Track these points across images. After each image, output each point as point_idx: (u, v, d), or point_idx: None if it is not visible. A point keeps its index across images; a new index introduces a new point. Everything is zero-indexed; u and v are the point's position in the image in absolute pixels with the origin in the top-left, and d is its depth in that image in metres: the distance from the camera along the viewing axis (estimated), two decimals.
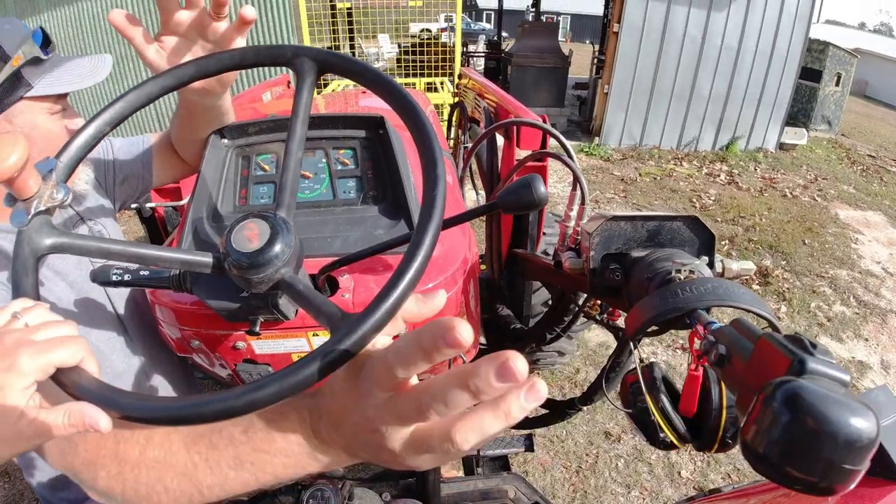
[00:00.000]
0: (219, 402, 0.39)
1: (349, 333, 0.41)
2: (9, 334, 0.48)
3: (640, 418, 0.75)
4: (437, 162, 0.51)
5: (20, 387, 0.45)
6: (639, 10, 5.98)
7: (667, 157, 6.38)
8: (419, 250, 0.45)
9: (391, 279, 0.44)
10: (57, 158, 0.59)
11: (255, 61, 0.68)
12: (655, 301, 0.62)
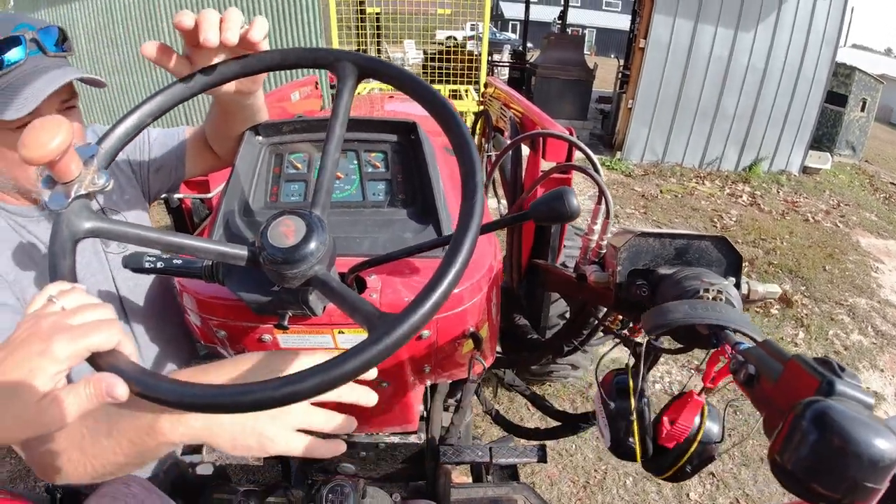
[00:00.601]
0: (259, 392, 0.40)
1: (388, 332, 0.42)
2: (44, 318, 0.49)
3: (614, 417, 0.75)
4: (476, 171, 0.52)
5: (52, 372, 0.45)
6: (666, 28, 5.96)
7: (689, 175, 6.32)
8: (458, 255, 0.46)
9: (431, 282, 0.45)
10: (98, 145, 0.61)
11: (297, 62, 0.69)
12: (685, 307, 0.62)
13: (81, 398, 0.46)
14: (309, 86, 2.52)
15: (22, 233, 0.96)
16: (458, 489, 1.15)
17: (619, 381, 0.77)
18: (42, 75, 0.84)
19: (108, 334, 0.48)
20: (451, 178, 0.90)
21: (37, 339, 0.46)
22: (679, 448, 0.69)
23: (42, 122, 0.51)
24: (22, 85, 0.82)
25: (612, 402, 0.75)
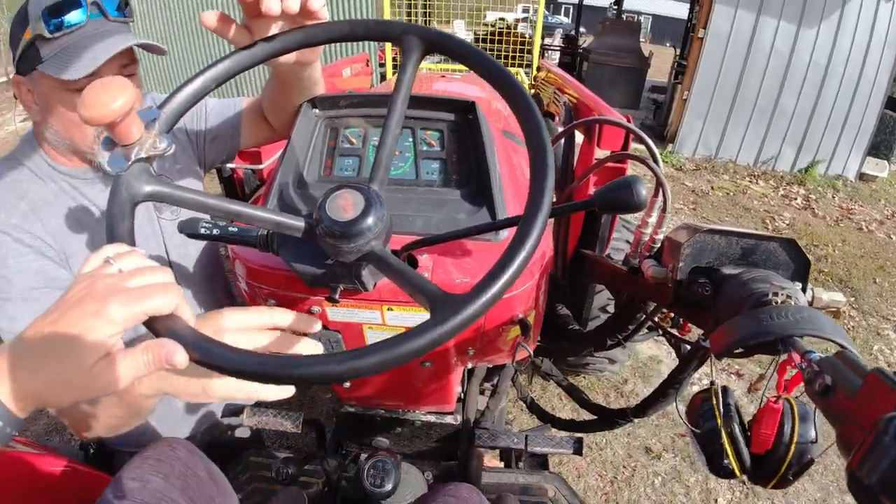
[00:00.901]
0: (320, 366, 0.40)
1: (455, 314, 0.41)
2: (100, 279, 0.47)
3: (704, 441, 0.73)
4: (547, 151, 0.50)
5: (107, 334, 0.44)
6: (726, 18, 5.70)
7: (742, 173, 6.06)
8: (528, 238, 0.44)
9: (499, 263, 0.43)
10: (160, 109, 0.62)
11: (364, 35, 0.68)
12: (749, 321, 0.60)
13: (138, 364, 0.45)
14: (360, 63, 2.52)
15: (73, 195, 0.98)
16: (489, 473, 1.15)
17: (701, 404, 0.74)
18: (103, 39, 0.85)
19: (167, 298, 0.46)
20: (506, 162, 0.88)
21: (92, 299, 0.45)
22: (777, 454, 0.67)
23: (104, 82, 0.50)
24: (82, 47, 0.83)
25: (697, 428, 0.73)
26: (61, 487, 0.98)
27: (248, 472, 1.20)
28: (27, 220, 0.91)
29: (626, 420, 1.19)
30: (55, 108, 0.89)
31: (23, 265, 0.89)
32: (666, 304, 0.91)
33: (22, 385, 0.43)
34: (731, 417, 0.70)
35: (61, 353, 0.43)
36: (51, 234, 0.93)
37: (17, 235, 0.89)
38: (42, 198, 0.95)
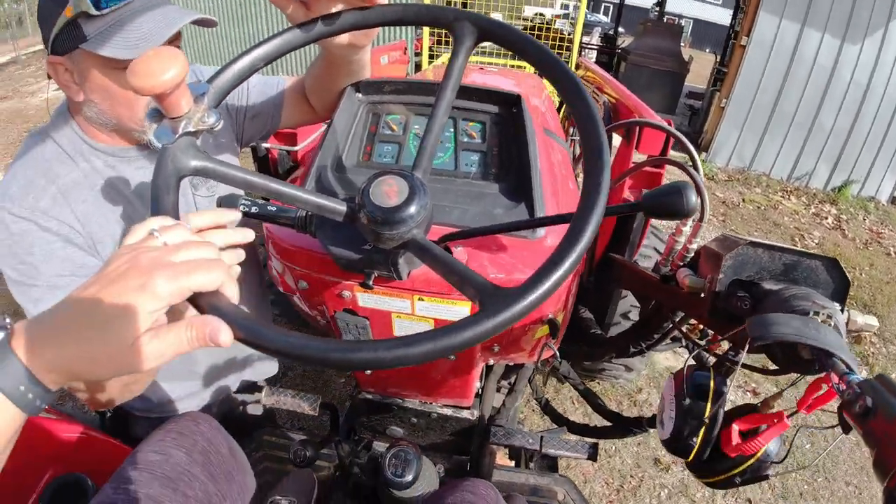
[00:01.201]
0: (369, 352, 0.39)
1: (506, 307, 0.40)
2: (145, 252, 0.45)
3: (684, 413, 0.72)
4: (604, 147, 0.49)
5: (150, 309, 0.43)
6: (771, 27, 5.55)
7: (775, 187, 5.91)
8: (583, 234, 0.43)
9: (552, 259, 0.43)
10: (209, 83, 0.61)
11: (416, 19, 0.67)
12: (800, 323, 0.59)
13: (181, 341, 0.44)
14: (398, 51, 2.51)
15: (107, 173, 0.96)
16: (500, 471, 1.15)
17: (698, 377, 0.73)
18: (149, 12, 0.83)
19: (213, 275, 0.45)
20: (546, 159, 0.87)
21: (136, 272, 0.43)
22: (735, 459, 0.67)
23: (156, 52, 0.49)
24: (131, 23, 0.81)
25: (687, 397, 0.72)
26: (78, 454, 0.99)
27: (261, 451, 1.21)
28: (56, 205, 0.89)
29: (641, 429, 1.18)
30: (102, 86, 0.86)
31: (50, 253, 0.88)
32: (698, 315, 0.89)
33: (57, 358, 0.42)
34: (720, 405, 0.70)
35: (102, 327, 0.42)
36: (79, 220, 0.92)
37: (45, 223, 0.87)
38: (72, 179, 0.92)
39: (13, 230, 0.86)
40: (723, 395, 0.71)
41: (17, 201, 0.86)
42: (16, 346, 0.42)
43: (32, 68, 12.08)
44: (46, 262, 0.88)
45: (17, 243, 0.86)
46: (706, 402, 0.71)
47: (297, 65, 6.61)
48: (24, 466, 0.93)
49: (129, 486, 0.67)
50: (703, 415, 0.70)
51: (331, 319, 0.84)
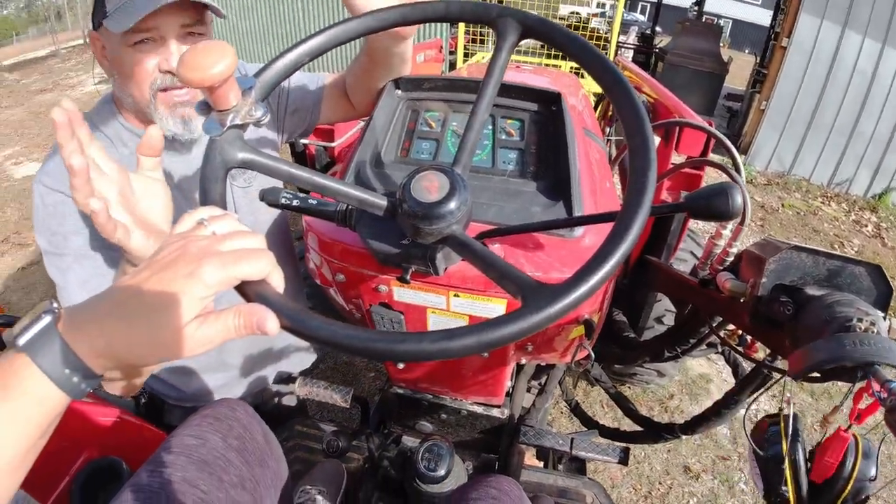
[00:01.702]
0: (413, 343, 0.40)
1: (550, 303, 0.40)
2: (194, 241, 0.46)
3: (766, 465, 0.71)
4: (650, 146, 0.48)
5: (199, 296, 0.43)
6: (811, 29, 5.37)
7: (815, 193, 5.71)
8: (628, 233, 0.43)
9: (597, 255, 0.42)
10: (256, 77, 0.63)
11: (459, 16, 0.68)
12: (832, 345, 0.58)
13: (228, 328, 0.44)
14: (433, 49, 2.52)
15: (177, 182, 1.00)
16: (529, 471, 1.14)
17: (771, 426, 0.73)
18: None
19: (260, 264, 0.46)
20: (584, 158, 0.86)
21: (185, 260, 0.44)
22: (835, 488, 0.66)
23: (207, 45, 0.50)
24: (141, 2, 0.82)
25: (763, 450, 0.72)
26: (113, 438, 1.01)
27: (292, 441, 1.23)
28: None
29: (672, 436, 1.16)
30: (117, 62, 0.90)
31: (80, 224, 0.91)
32: (737, 320, 0.88)
33: (105, 343, 0.43)
34: (797, 444, 0.69)
35: (152, 313, 0.43)
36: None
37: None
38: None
39: (47, 202, 0.91)
40: (798, 433, 0.70)
41: (53, 175, 0.91)
42: (63, 331, 0.43)
43: (72, 62, 12.54)
44: (76, 232, 0.91)
45: (50, 215, 0.91)
46: (782, 445, 0.70)
47: (336, 63, 6.70)
48: (59, 449, 0.95)
49: (165, 469, 0.68)
50: (782, 459, 0.69)
51: (366, 313, 0.85)
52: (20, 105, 8.52)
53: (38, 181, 0.91)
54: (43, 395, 0.42)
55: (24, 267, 3.66)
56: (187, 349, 0.44)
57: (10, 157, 6.06)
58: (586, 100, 1.48)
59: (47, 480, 0.94)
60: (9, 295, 3.34)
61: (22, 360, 0.41)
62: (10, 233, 4.17)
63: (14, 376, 0.41)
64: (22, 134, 6.90)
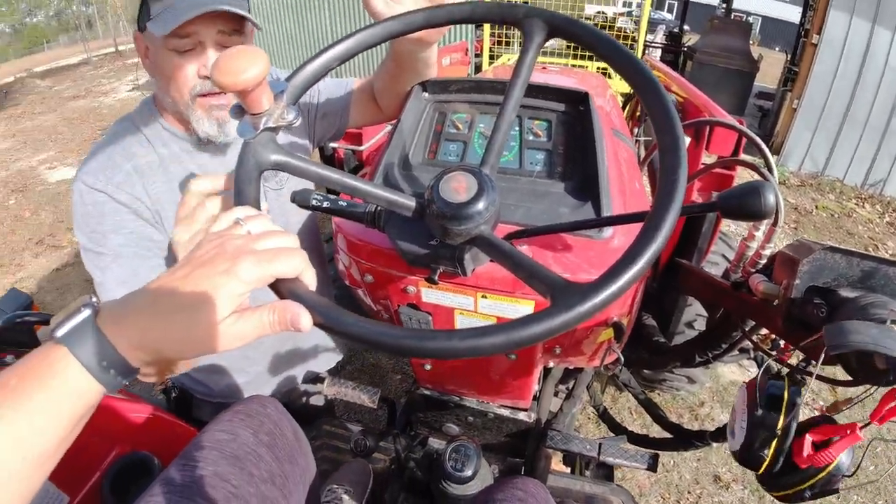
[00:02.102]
0: (443, 341, 0.40)
1: (579, 302, 0.40)
2: (231, 240, 0.48)
3: (756, 424, 0.71)
4: (680, 145, 0.48)
5: (236, 292, 0.45)
6: (841, 26, 5.20)
7: (849, 194, 5.53)
8: (659, 232, 0.42)
9: (627, 255, 0.42)
10: (288, 81, 0.64)
11: (485, 17, 0.68)
12: (875, 332, 0.56)
13: (263, 323, 0.45)
14: (459, 52, 2.53)
15: (184, 158, 1.02)
16: (555, 476, 1.13)
17: (772, 387, 0.71)
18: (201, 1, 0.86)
19: (294, 262, 0.47)
20: (612, 158, 0.85)
21: (223, 258, 0.45)
22: (806, 471, 0.66)
23: (240, 50, 0.51)
24: (182, 8, 0.85)
25: (760, 408, 0.70)
26: (144, 433, 1.04)
27: (320, 440, 1.25)
28: (129, 181, 0.96)
29: (703, 443, 1.13)
30: (159, 64, 0.93)
31: (119, 223, 0.94)
32: (770, 323, 0.86)
33: (143, 337, 0.44)
34: (793, 416, 0.69)
35: (190, 308, 0.44)
36: (150, 197, 0.98)
37: (117, 196, 0.94)
38: (148, 162, 0.99)
39: (87, 200, 0.93)
40: (796, 406, 0.69)
41: (94, 174, 0.94)
42: (102, 324, 0.44)
43: (104, 69, 12.93)
44: (115, 231, 0.94)
45: (90, 213, 0.93)
46: (779, 414, 0.70)
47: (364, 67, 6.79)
48: (90, 444, 0.97)
49: (197, 463, 0.70)
50: (775, 426, 0.68)
51: (394, 314, 0.86)
52: (53, 111, 8.83)
53: (79, 179, 0.94)
54: (79, 387, 0.43)
55: (59, 268, 3.78)
56: (223, 344, 0.45)
57: (45, 161, 6.29)
58: (614, 100, 1.46)
59: (78, 475, 0.96)
60: (43, 295, 3.45)
61: (60, 351, 0.42)
62: (44, 235, 4.32)
63: (51, 367, 0.42)
64: (55, 139, 7.15)
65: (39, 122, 8.24)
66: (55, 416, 0.42)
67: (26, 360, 0.43)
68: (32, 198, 5.15)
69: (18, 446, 0.40)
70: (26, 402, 0.40)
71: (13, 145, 7.11)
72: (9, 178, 5.79)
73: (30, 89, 11.18)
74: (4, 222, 4.65)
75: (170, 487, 0.66)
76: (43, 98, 10.09)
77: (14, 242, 4.25)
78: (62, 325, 0.43)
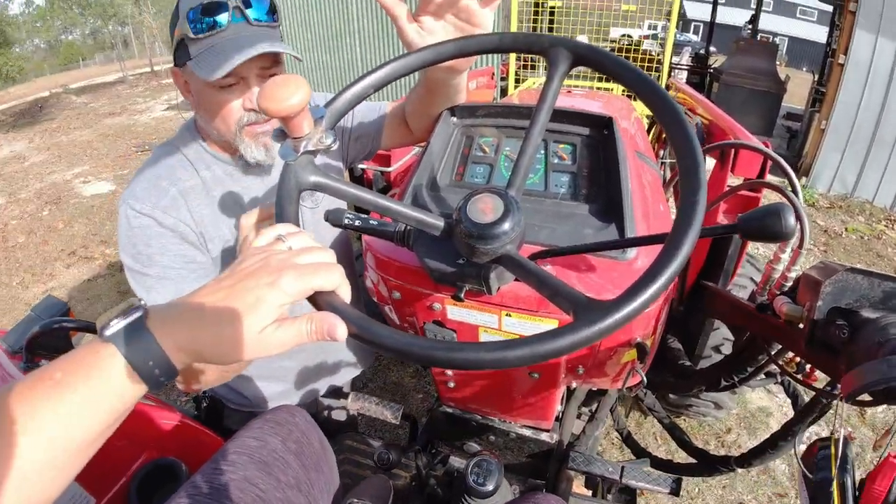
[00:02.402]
0: (471, 352, 0.42)
1: (603, 318, 0.41)
2: (274, 255, 0.51)
3: (815, 490, 0.70)
4: (700, 167, 0.49)
5: (278, 303, 0.47)
6: (867, 45, 5.12)
7: (878, 216, 5.38)
8: (679, 251, 0.44)
9: (648, 273, 0.43)
10: (326, 108, 0.67)
11: (512, 47, 0.70)
12: (884, 366, 0.56)
13: (301, 333, 0.48)
14: (485, 76, 2.57)
15: (226, 181, 1.06)
16: (577, 499, 1.12)
17: (823, 455, 0.71)
18: (243, 43, 0.89)
19: (332, 276, 0.50)
20: (636, 181, 0.86)
21: (266, 271, 0.48)
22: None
23: (285, 79, 0.55)
24: (223, 49, 0.89)
25: (812, 473, 0.70)
26: (173, 440, 1.06)
27: (342, 454, 1.26)
28: (175, 205, 0.99)
29: (728, 469, 1.12)
30: (203, 101, 0.97)
31: (164, 247, 0.98)
32: (794, 346, 0.85)
33: (189, 340, 0.47)
34: (846, 470, 0.68)
35: (235, 316, 0.47)
36: (195, 220, 1.01)
37: (163, 220, 0.97)
38: (192, 185, 1.02)
39: (133, 224, 0.97)
40: (847, 458, 0.68)
41: (140, 199, 0.97)
42: (151, 325, 0.47)
43: (140, 88, 13.36)
44: (161, 254, 0.98)
45: (136, 236, 0.97)
46: (831, 471, 0.69)
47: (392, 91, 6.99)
48: (119, 447, 1.00)
49: (226, 468, 0.72)
50: (830, 485, 0.68)
51: (420, 330, 0.87)
52: (89, 127, 9.14)
53: (126, 203, 0.98)
54: (123, 384, 0.45)
55: (90, 279, 3.90)
56: (263, 350, 0.48)
57: (79, 175, 6.51)
58: (639, 123, 1.47)
59: (105, 478, 0.98)
60: (74, 305, 3.56)
61: (108, 349, 0.45)
62: (77, 246, 4.46)
63: (98, 363, 0.45)
64: (90, 154, 7.39)
65: (74, 136, 8.53)
66: (97, 409, 0.44)
67: (72, 356, 0.45)
68: (66, 210, 5.34)
69: (59, 436, 0.42)
70: (70, 394, 0.43)
71: (48, 158, 7.39)
72: (43, 190, 6.00)
73: (65, 104, 11.61)
74: (37, 232, 4.82)
75: (198, 490, 0.68)
76: (78, 114, 10.45)
77: (46, 252, 4.40)
78: (111, 325, 0.46)
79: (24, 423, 0.41)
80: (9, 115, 10.96)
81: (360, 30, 6.99)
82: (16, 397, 0.42)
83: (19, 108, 11.46)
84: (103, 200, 5.55)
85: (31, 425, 0.41)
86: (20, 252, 4.44)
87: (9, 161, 7.44)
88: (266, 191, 1.11)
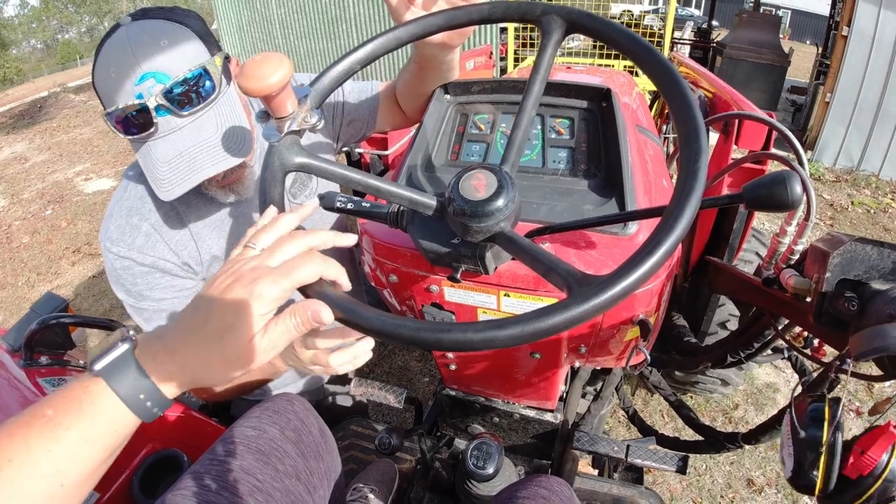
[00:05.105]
0: (459, 333, 0.40)
1: (595, 294, 0.39)
2: (245, 263, 0.49)
3: (802, 447, 0.69)
4: (700, 133, 0.47)
5: (261, 314, 0.46)
6: (870, 17, 5.03)
7: (884, 189, 5.32)
8: (678, 223, 0.41)
9: (645, 246, 0.41)
10: (311, 86, 0.65)
11: (503, 17, 0.68)
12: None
13: (289, 329, 0.47)
14: (483, 55, 2.53)
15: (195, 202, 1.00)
16: (582, 478, 1.11)
17: (813, 409, 0.69)
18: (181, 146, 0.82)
19: (309, 269, 0.48)
20: (637, 155, 0.83)
21: (240, 284, 0.47)
22: (864, 483, 0.63)
23: (265, 56, 0.53)
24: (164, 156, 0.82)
25: (803, 430, 0.68)
26: (175, 432, 1.07)
27: (347, 440, 1.26)
28: (150, 242, 0.97)
29: (735, 446, 1.11)
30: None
31: (151, 282, 0.99)
32: (802, 320, 0.83)
33: (179, 370, 0.47)
34: (837, 430, 0.67)
35: (220, 337, 0.46)
36: (172, 250, 0.99)
37: (141, 259, 0.97)
38: (163, 214, 0.98)
39: (116, 266, 0.97)
40: (838, 421, 0.67)
41: (115, 241, 0.96)
42: (140, 357, 0.46)
43: None
44: (150, 289, 0.99)
45: (121, 276, 0.98)
46: (821, 431, 0.68)
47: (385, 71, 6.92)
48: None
49: (224, 458, 0.71)
50: (819, 443, 0.66)
51: (418, 313, 0.86)
52: (88, 125, 9.11)
53: (105, 247, 0.97)
54: (116, 418, 0.45)
55: (95, 276, 3.91)
56: (257, 360, 0.47)
57: (81, 173, 6.51)
58: (641, 98, 1.44)
59: (108, 472, 0.98)
60: (80, 302, 3.58)
61: (98, 384, 0.45)
62: (81, 244, 4.47)
63: (90, 399, 0.44)
64: (91, 152, 7.39)
65: (74, 135, 8.52)
66: (94, 445, 0.44)
67: (62, 392, 0.45)
68: (69, 208, 5.34)
69: (55, 475, 0.42)
70: (63, 432, 0.42)
71: (49, 158, 7.39)
72: (45, 190, 6.01)
73: (64, 103, 11.57)
74: (41, 232, 4.83)
75: (196, 481, 0.68)
76: (78, 112, 10.41)
77: (51, 251, 4.41)
78: (101, 359, 0.45)
79: (19, 462, 0.41)
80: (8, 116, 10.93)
81: (357, 15, 6.94)
82: (9, 436, 0.42)
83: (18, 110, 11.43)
84: (105, 197, 5.56)
85: (27, 463, 0.41)
86: (25, 252, 4.46)
87: (10, 162, 7.44)
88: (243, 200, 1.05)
